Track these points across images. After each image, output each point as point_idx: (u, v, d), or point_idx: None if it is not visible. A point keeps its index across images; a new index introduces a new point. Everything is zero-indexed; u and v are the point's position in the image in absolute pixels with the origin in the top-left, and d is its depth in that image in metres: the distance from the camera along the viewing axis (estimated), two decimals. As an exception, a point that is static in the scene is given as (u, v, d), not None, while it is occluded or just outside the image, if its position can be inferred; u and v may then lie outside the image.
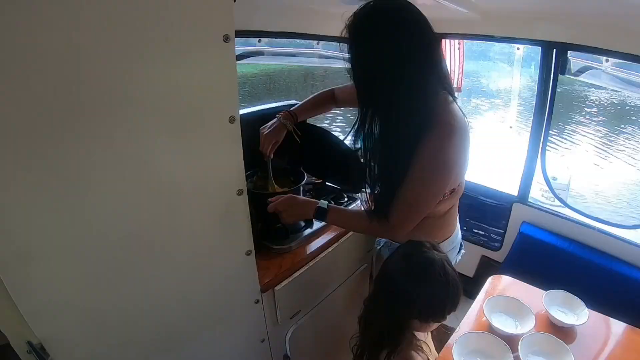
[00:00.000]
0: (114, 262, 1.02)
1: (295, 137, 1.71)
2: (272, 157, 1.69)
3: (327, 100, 1.81)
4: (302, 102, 1.81)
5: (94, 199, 0.93)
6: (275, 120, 1.69)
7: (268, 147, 1.65)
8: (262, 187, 1.73)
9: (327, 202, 1.43)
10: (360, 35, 1.18)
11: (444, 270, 1.19)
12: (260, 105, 1.89)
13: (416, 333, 1.31)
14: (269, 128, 1.67)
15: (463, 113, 1.28)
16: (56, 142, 0.83)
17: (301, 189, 1.70)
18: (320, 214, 1.42)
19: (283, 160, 1.78)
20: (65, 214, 0.89)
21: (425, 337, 1.42)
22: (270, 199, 1.46)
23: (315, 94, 1.82)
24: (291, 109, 1.74)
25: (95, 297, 1.02)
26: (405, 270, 1.24)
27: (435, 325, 1.31)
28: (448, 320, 1.61)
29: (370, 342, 1.33)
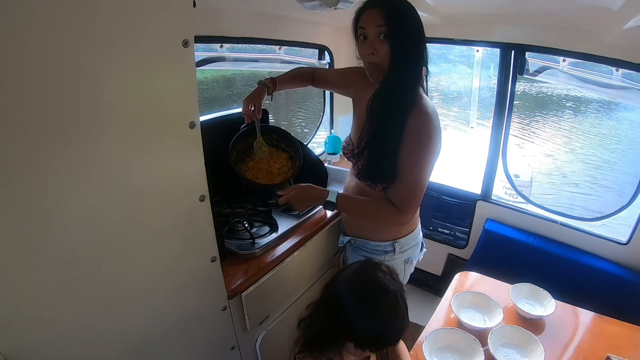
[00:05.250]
0: (76, 272, 0.99)
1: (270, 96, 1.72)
2: (260, 115, 1.64)
3: (306, 77, 1.87)
4: (283, 73, 1.83)
5: (52, 208, 0.90)
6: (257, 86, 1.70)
7: (246, 107, 1.62)
8: (244, 150, 1.65)
9: (336, 192, 1.51)
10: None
11: (395, 304, 1.09)
12: (222, 111, 1.87)
13: (348, 355, 1.18)
14: (248, 94, 1.67)
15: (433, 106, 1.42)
16: (12, 149, 0.80)
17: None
18: (330, 205, 1.51)
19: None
20: (23, 223, 0.87)
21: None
22: (279, 192, 1.51)
23: (295, 68, 1.87)
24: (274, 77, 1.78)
25: (59, 309, 0.99)
26: (354, 289, 1.14)
27: (370, 354, 1.23)
28: (418, 319, 1.63)
29: (303, 343, 1.22)
